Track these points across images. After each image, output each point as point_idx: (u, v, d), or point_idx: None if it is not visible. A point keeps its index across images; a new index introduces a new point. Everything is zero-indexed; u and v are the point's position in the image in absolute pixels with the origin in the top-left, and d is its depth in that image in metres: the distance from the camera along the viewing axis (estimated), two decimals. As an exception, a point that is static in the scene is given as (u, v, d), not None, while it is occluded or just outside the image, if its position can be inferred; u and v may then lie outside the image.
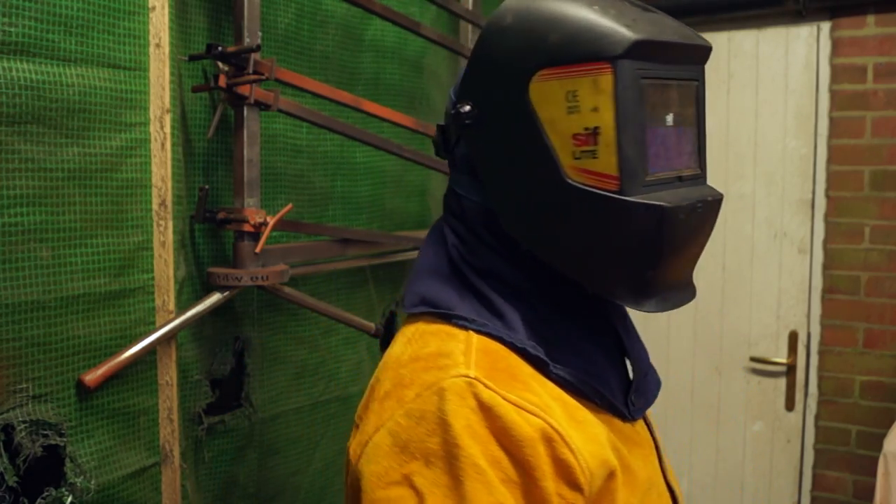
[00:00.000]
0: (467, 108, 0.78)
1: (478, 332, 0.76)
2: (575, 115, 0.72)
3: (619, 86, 0.71)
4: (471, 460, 0.66)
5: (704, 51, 0.81)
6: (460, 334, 0.76)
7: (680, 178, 0.78)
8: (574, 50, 0.72)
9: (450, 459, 0.67)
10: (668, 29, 0.76)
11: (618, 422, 0.81)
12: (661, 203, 0.72)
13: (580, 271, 0.77)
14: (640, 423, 0.88)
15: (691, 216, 0.75)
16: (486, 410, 0.68)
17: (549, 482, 0.68)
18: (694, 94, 0.81)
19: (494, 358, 0.74)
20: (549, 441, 0.69)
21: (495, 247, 0.80)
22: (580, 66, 0.72)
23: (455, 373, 0.71)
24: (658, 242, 0.73)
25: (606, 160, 0.72)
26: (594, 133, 0.72)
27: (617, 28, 0.71)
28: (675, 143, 0.79)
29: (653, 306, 0.76)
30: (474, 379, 0.70)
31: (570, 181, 0.73)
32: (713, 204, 0.79)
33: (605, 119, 0.71)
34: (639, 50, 0.71)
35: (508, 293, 0.78)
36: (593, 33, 0.72)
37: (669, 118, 0.78)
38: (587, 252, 0.76)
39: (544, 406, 0.71)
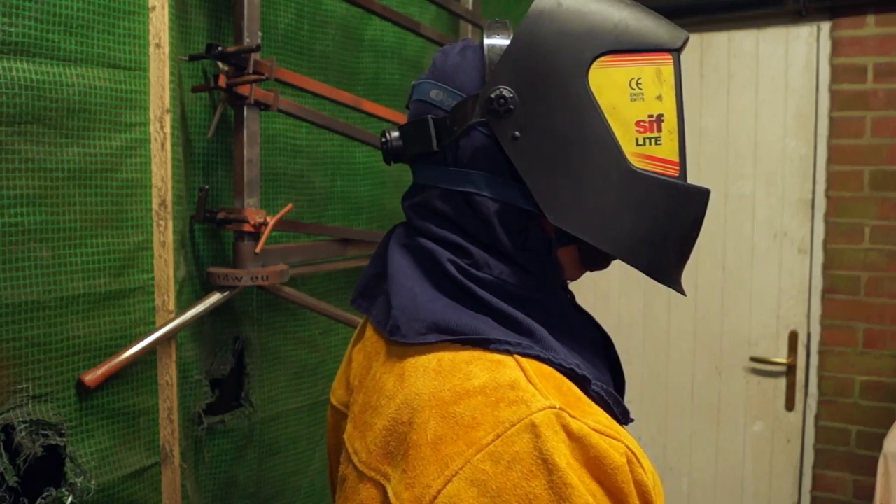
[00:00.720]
0: (506, 93, 0.73)
1: (523, 355, 0.69)
2: (639, 101, 0.74)
3: (677, 76, 0.76)
4: (583, 499, 0.60)
5: None
6: (507, 360, 0.68)
7: None
8: (640, 38, 0.74)
9: (560, 502, 0.60)
10: None
11: None
12: (708, 188, 0.78)
13: (638, 256, 0.76)
14: None
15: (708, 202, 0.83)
16: (577, 441, 0.62)
17: None
18: None
19: (555, 383, 0.68)
20: (630, 465, 0.64)
21: (509, 252, 0.75)
22: (645, 55, 0.74)
23: (539, 405, 0.63)
24: (699, 225, 0.80)
25: (670, 147, 0.75)
26: (658, 120, 0.74)
27: (670, 25, 0.77)
28: None
29: (675, 285, 0.81)
30: (560, 409, 0.63)
31: (633, 167, 0.74)
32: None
33: (669, 107, 0.75)
34: (684, 46, 0.77)
35: (520, 307, 0.74)
36: (655, 26, 0.76)
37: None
38: (649, 236, 0.76)
39: (617, 428, 0.67)
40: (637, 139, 0.74)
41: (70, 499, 1.08)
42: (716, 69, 2.60)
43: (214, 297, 1.30)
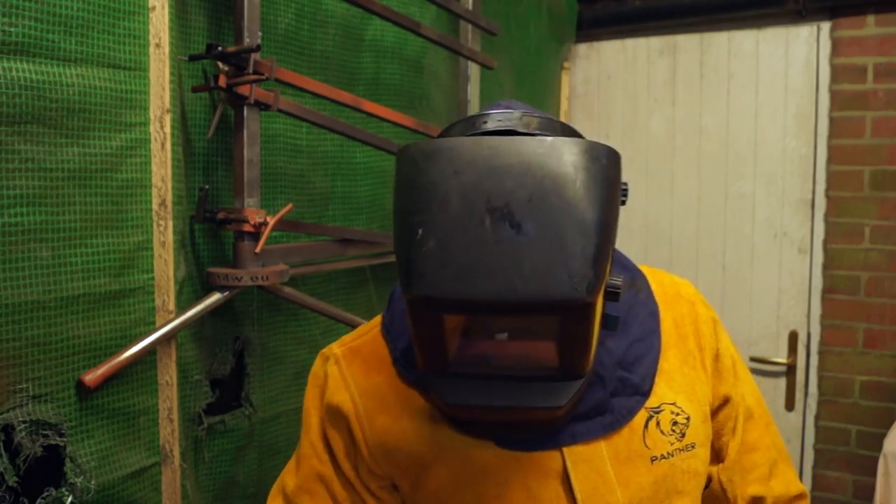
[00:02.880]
0: None
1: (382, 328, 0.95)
2: None
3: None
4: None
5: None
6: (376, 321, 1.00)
7: None
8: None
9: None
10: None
11: (482, 451, 0.84)
12: None
13: None
14: (541, 460, 0.85)
15: None
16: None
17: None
18: None
19: (366, 339, 0.94)
20: (323, 361, 0.95)
21: None
22: None
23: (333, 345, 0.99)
24: None
25: None
26: None
27: (419, 271, 0.67)
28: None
29: None
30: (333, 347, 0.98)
31: None
32: None
33: None
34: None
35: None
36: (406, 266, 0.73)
37: None
38: None
39: (342, 341, 0.95)
40: None
41: (70, 499, 1.08)
42: (716, 69, 2.60)
43: (214, 297, 1.30)
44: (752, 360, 2.55)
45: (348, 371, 0.90)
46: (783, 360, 2.51)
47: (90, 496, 1.11)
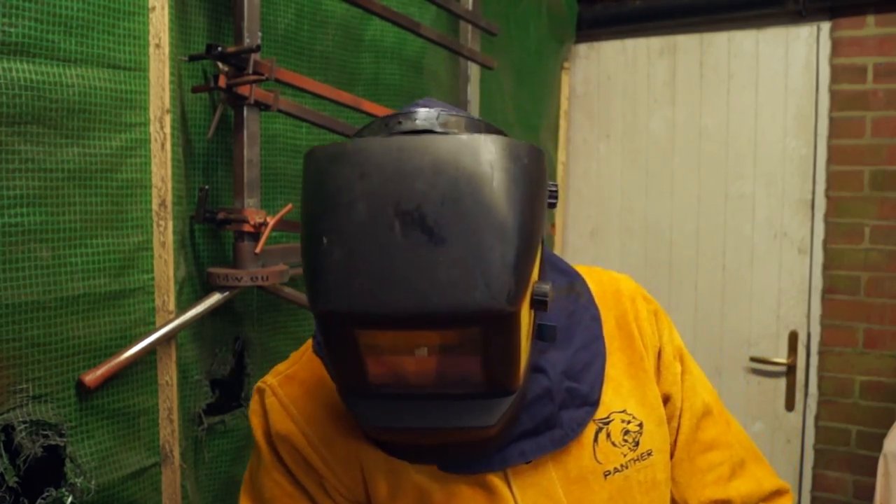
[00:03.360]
0: None
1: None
2: None
3: None
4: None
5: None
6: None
7: None
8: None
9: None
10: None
11: (422, 475, 0.79)
12: None
13: None
14: (487, 484, 0.80)
15: None
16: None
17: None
18: None
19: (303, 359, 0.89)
20: (259, 395, 0.88)
21: None
22: None
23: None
24: None
25: None
26: None
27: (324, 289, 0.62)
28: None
29: None
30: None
31: None
32: None
33: None
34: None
35: None
36: (311, 284, 0.67)
37: None
38: None
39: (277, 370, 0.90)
40: None
41: (70, 499, 1.08)
42: (716, 69, 2.61)
43: (214, 298, 1.30)
44: (752, 360, 2.55)
45: (288, 399, 0.84)
46: (783, 360, 2.51)
47: (90, 496, 1.11)
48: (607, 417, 0.84)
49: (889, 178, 2.36)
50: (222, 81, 1.28)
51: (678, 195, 2.67)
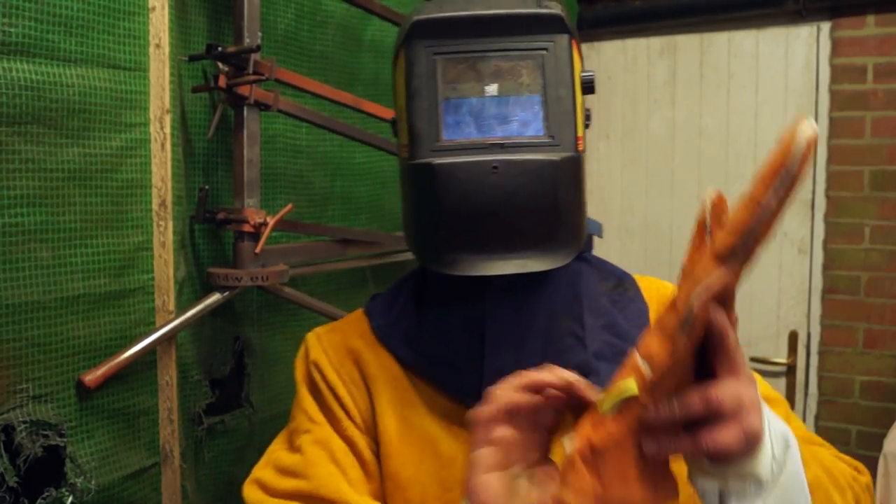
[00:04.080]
0: None
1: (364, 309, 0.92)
2: (397, 97, 0.82)
3: (408, 66, 0.77)
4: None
5: (513, 21, 0.76)
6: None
7: (501, 146, 0.75)
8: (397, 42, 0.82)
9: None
10: (472, 5, 0.77)
11: (459, 408, 0.79)
12: (430, 160, 0.74)
13: (412, 245, 0.82)
14: None
15: (477, 176, 0.73)
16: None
17: None
18: (518, 66, 0.77)
19: (350, 320, 0.92)
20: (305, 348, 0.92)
21: None
22: (396, 58, 0.81)
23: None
24: (434, 200, 0.75)
25: (403, 132, 0.80)
26: (399, 110, 0.81)
27: (411, 16, 0.77)
28: (490, 113, 0.76)
29: (442, 267, 0.77)
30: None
31: (401, 158, 0.82)
32: (521, 165, 0.74)
33: (400, 97, 0.79)
34: (422, 30, 0.76)
35: (397, 287, 0.91)
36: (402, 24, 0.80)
37: (490, 88, 0.76)
38: (409, 221, 0.82)
39: (332, 326, 0.94)
40: (394, 131, 0.84)
41: (70, 499, 1.08)
42: (716, 69, 2.60)
43: (214, 298, 1.30)
44: (752, 360, 2.55)
45: (326, 340, 0.90)
46: (783, 360, 2.51)
47: (90, 496, 1.11)
48: None
49: (889, 178, 2.36)
50: (222, 81, 1.28)
51: (678, 195, 2.67)
